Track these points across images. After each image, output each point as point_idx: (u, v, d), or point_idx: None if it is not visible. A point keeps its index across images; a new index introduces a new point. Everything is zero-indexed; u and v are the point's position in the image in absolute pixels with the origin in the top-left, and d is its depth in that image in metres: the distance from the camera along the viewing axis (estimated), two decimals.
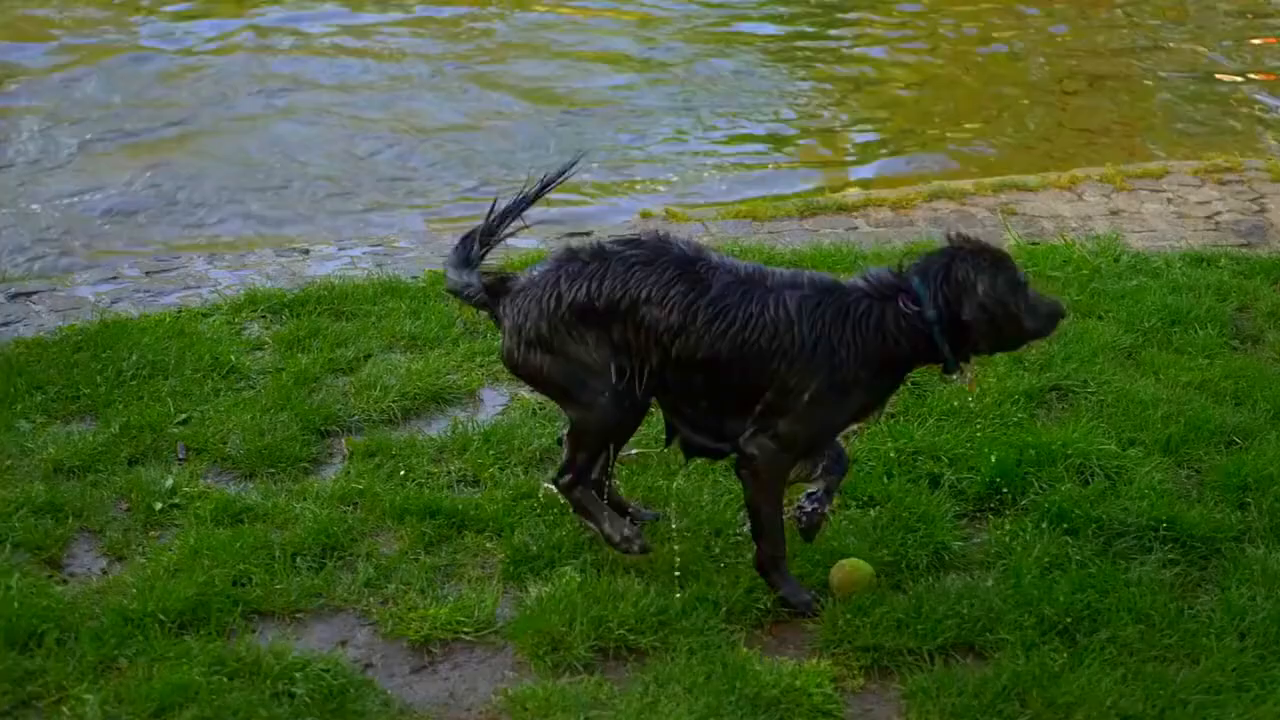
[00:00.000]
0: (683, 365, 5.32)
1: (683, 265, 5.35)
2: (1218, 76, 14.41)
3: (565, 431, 5.74)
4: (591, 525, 5.66)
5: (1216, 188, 10.46)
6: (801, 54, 14.78)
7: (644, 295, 5.28)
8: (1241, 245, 9.23)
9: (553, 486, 5.78)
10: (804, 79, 14.13)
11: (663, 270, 5.33)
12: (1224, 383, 7.09)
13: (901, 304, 5.27)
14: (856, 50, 14.93)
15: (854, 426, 5.61)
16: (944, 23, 15.82)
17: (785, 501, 5.56)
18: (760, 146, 12.51)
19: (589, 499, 5.64)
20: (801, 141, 12.75)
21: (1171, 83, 14.22)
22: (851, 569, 5.57)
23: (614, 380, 5.37)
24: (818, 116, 13.22)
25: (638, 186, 11.50)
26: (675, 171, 11.82)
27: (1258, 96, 13.90)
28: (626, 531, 5.60)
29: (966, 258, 5.32)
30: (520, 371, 5.58)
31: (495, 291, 5.53)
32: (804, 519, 5.61)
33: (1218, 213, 9.95)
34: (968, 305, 5.23)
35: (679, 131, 12.66)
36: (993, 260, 5.33)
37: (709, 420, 5.49)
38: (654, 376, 5.39)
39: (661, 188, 11.44)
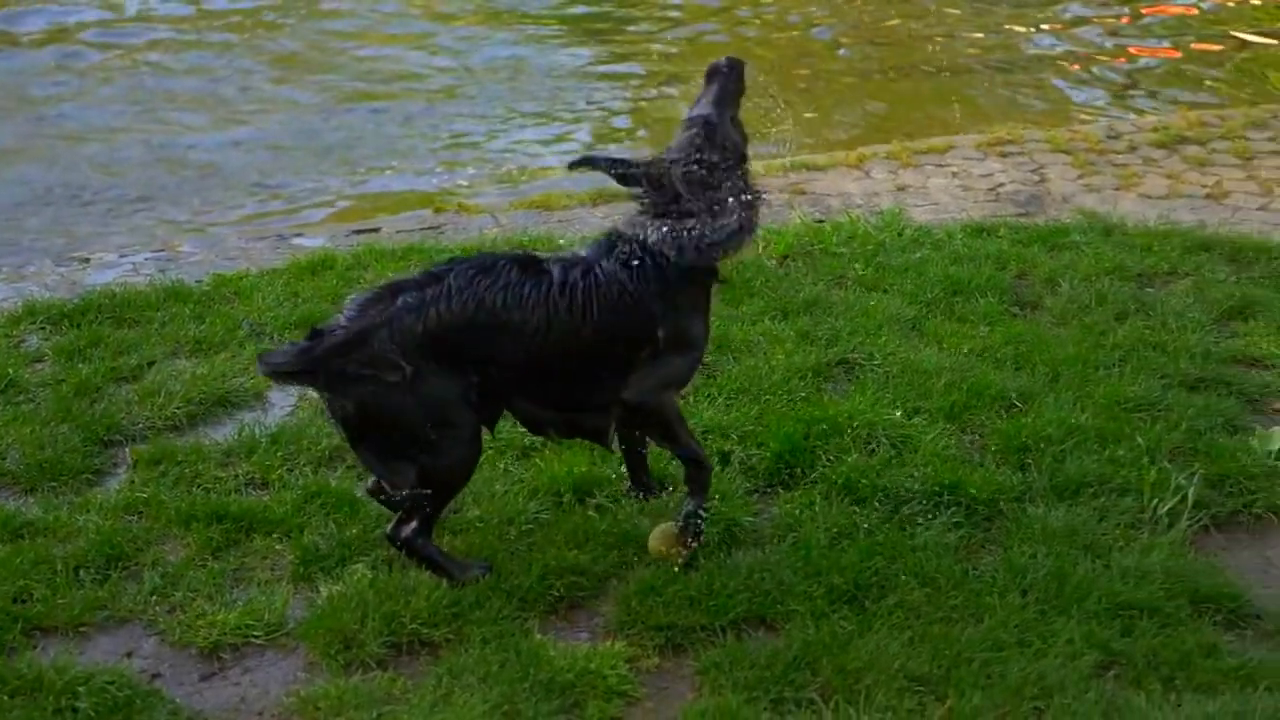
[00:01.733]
0: (555, 358, 5.32)
1: (520, 263, 5.35)
2: (1032, 54, 14.78)
3: (377, 484, 5.56)
4: (437, 572, 5.48)
5: (999, 160, 10.71)
6: (609, 41, 14.79)
7: (499, 302, 5.23)
8: (1020, 214, 9.44)
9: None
10: (610, 65, 14.13)
11: (506, 273, 5.29)
12: (1004, 349, 7.24)
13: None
14: (670, 36, 14.99)
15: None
16: (766, 13, 15.94)
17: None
18: (564, 136, 12.47)
19: (434, 550, 5.51)
20: (606, 128, 12.73)
21: (986, 62, 14.49)
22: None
23: (474, 413, 5.32)
24: (627, 102, 13.24)
25: (434, 180, 11.40)
26: (474, 165, 11.76)
27: (1069, 71, 14.31)
28: (473, 571, 5.50)
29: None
30: (379, 417, 5.23)
31: (314, 353, 5.18)
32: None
33: (1000, 184, 10.17)
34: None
35: (478, 122, 12.59)
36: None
37: (577, 394, 5.47)
38: (513, 387, 5.38)
39: (462, 180, 11.37)
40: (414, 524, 5.44)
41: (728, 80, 5.61)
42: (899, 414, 6.59)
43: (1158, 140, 11.07)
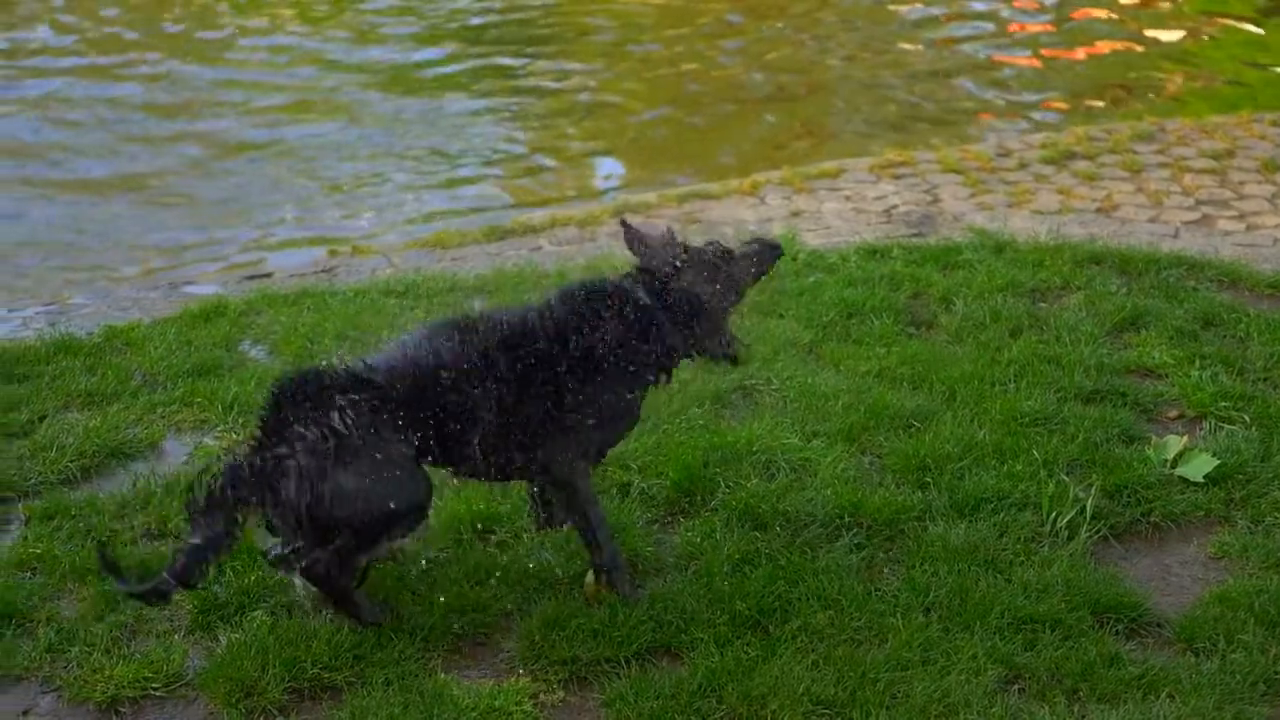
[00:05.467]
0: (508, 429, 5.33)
1: (504, 332, 5.37)
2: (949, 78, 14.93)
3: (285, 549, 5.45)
4: (349, 611, 5.41)
5: (892, 182, 10.77)
6: (498, 86, 14.72)
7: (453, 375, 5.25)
8: (913, 235, 9.51)
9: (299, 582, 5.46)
10: (501, 110, 14.04)
11: (470, 339, 5.32)
12: (901, 369, 7.28)
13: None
14: (562, 80, 14.98)
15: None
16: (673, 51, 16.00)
17: None
18: (459, 179, 12.35)
19: (351, 589, 5.41)
20: (500, 171, 12.65)
21: (900, 84, 14.63)
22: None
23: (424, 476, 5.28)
24: (517, 143, 13.19)
25: (329, 225, 11.30)
26: (369, 207, 11.65)
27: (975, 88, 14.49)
28: (379, 613, 5.44)
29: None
30: (320, 511, 5.07)
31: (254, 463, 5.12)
32: None
33: (893, 205, 10.24)
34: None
35: (375, 174, 12.43)
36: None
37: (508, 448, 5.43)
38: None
39: (364, 222, 11.29)
40: (336, 560, 5.28)
41: (769, 250, 6.07)
42: (797, 438, 6.61)
43: (1047, 157, 11.20)
